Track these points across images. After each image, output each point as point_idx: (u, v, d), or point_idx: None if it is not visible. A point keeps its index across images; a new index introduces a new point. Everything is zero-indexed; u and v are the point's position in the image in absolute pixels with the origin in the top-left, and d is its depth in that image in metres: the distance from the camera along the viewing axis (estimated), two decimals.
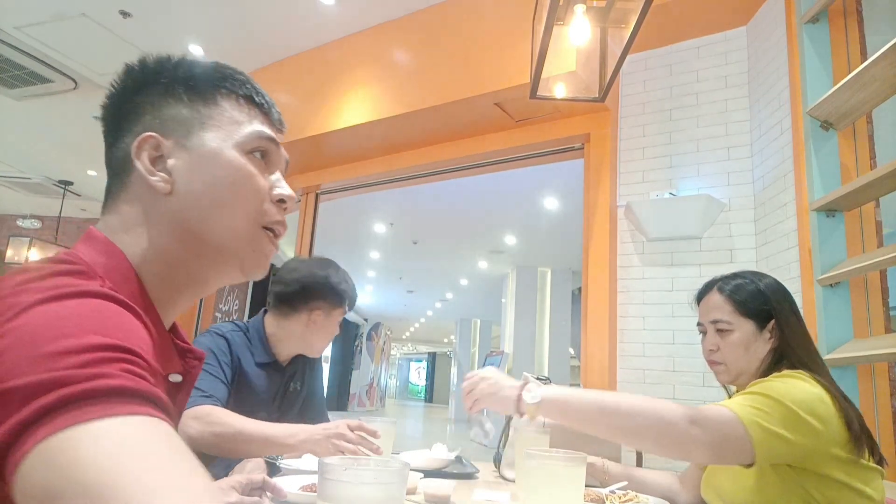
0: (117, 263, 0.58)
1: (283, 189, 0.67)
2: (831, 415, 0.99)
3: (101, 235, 0.60)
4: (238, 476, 0.99)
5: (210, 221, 0.62)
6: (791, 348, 1.17)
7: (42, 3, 3.43)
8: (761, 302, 1.19)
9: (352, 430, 1.28)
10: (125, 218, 0.62)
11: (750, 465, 0.96)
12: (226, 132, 0.65)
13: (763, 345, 1.19)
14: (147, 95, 0.65)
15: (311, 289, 1.61)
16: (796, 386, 1.02)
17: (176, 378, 0.62)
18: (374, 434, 1.29)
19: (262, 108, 0.69)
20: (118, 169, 0.64)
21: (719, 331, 1.21)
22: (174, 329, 0.67)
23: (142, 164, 0.62)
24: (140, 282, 0.59)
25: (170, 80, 0.65)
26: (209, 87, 0.66)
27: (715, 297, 1.24)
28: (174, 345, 0.65)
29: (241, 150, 0.65)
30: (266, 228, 0.66)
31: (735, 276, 1.26)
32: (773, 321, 1.18)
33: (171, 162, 0.62)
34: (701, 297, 1.29)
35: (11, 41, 3.76)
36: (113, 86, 0.66)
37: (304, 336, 1.63)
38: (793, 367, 1.12)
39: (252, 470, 1.34)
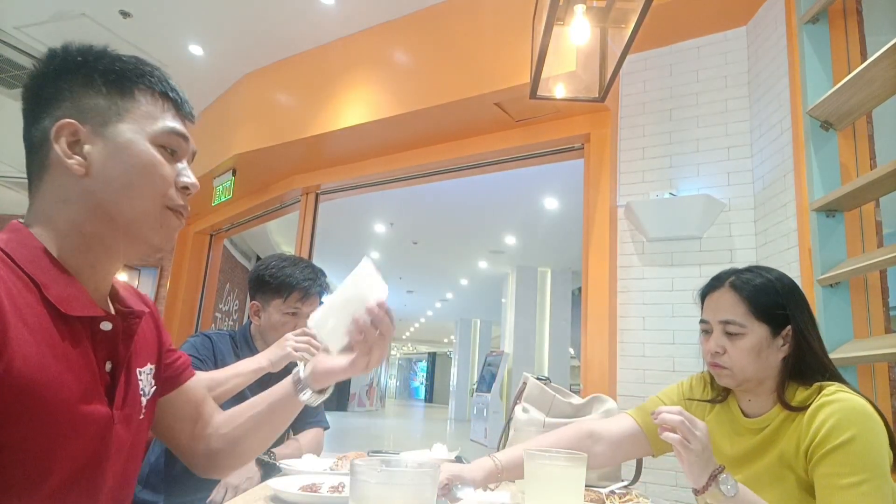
0: (19, 237, 0.68)
1: (187, 178, 0.76)
2: (887, 440, 0.98)
3: (14, 223, 0.71)
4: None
5: (122, 202, 0.71)
6: (807, 360, 1.08)
7: (42, 3, 3.44)
8: (778, 304, 1.08)
9: (297, 337, 1.45)
10: (45, 197, 0.71)
11: None
12: (140, 125, 0.73)
13: (775, 353, 1.09)
14: (67, 82, 0.72)
15: (250, 285, 1.66)
16: (874, 433, 0.97)
17: (106, 326, 0.71)
18: (315, 337, 1.44)
19: (175, 103, 0.77)
20: (37, 148, 0.73)
21: (728, 333, 1.10)
22: (116, 294, 0.78)
23: (60, 147, 0.70)
24: (44, 249, 0.68)
25: (90, 70, 0.72)
26: (127, 81, 0.73)
27: (727, 295, 1.11)
28: (112, 303, 0.77)
29: (152, 142, 0.73)
30: (171, 210, 0.75)
31: (749, 271, 1.14)
32: (789, 327, 1.08)
33: (87, 147, 0.70)
34: (709, 292, 1.17)
35: (11, 41, 3.76)
36: (34, 66, 0.73)
37: (262, 332, 1.64)
38: (818, 379, 1.07)
39: (241, 476, 1.35)
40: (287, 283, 1.60)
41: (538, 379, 1.61)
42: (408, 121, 3.36)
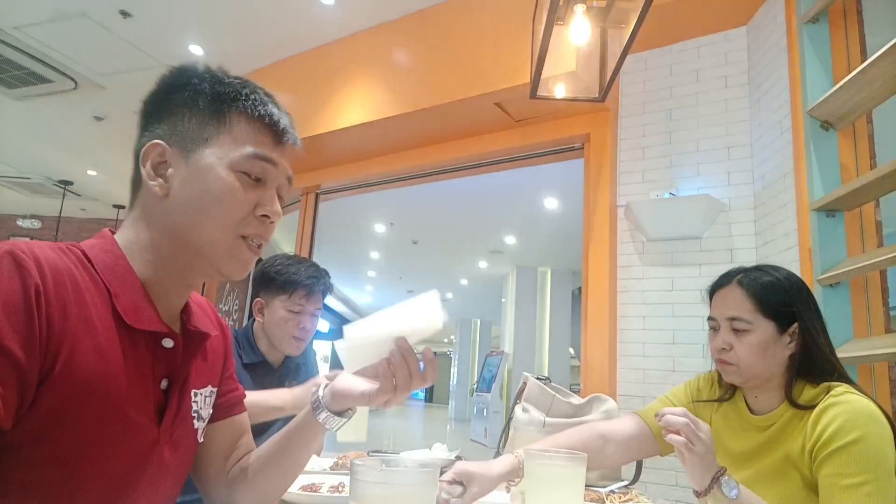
0: (103, 244, 0.70)
1: (268, 206, 0.73)
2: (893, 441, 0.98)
3: (105, 230, 0.72)
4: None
5: (195, 227, 0.70)
6: (814, 357, 1.09)
7: (42, 3, 3.43)
8: (785, 302, 1.09)
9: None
10: (136, 211, 0.73)
11: None
12: (224, 150, 0.71)
13: (782, 350, 1.09)
14: (170, 102, 0.73)
15: (255, 282, 1.67)
16: (880, 435, 0.97)
17: (168, 343, 0.70)
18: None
19: (271, 128, 0.74)
20: (136, 162, 0.73)
21: (735, 330, 1.11)
22: (187, 312, 0.77)
23: (145, 169, 0.71)
24: (126, 259, 0.70)
25: (193, 92, 0.72)
26: (223, 105, 0.72)
27: (734, 292, 1.12)
28: (181, 320, 0.76)
29: (233, 168, 0.71)
30: (245, 239, 0.72)
31: (757, 269, 1.14)
32: (795, 324, 1.09)
33: (171, 170, 0.71)
34: (717, 289, 1.18)
35: (11, 41, 3.76)
36: (160, 80, 0.75)
37: (266, 330, 1.65)
38: (826, 378, 1.07)
39: None
40: (292, 281, 1.61)
41: (538, 379, 1.61)
42: (408, 121, 3.35)
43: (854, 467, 0.95)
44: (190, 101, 0.72)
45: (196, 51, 3.96)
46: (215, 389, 0.83)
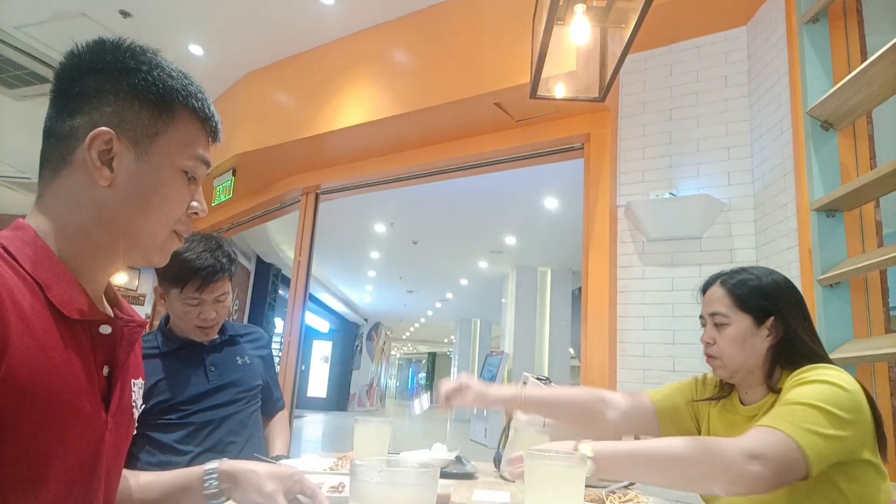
0: (23, 235, 0.67)
1: (198, 203, 0.77)
2: (866, 411, 0.99)
3: (20, 221, 0.69)
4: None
5: (138, 221, 0.71)
6: (796, 347, 1.14)
7: (42, 3, 3.43)
8: (761, 297, 1.18)
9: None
10: (56, 194, 0.69)
11: (805, 479, 0.94)
12: (174, 148, 0.73)
13: (761, 342, 1.16)
14: (112, 84, 0.69)
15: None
16: (835, 381, 1.00)
17: (105, 329, 0.70)
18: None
19: (212, 128, 0.78)
20: (61, 141, 0.69)
21: (717, 324, 1.20)
22: (115, 300, 0.78)
23: (91, 155, 0.68)
24: (49, 248, 0.67)
25: (140, 80, 0.70)
26: (172, 100, 0.72)
27: (716, 290, 1.23)
28: (112, 309, 0.77)
29: (180, 167, 0.74)
30: (176, 233, 0.77)
31: (741, 270, 1.24)
32: (772, 318, 1.16)
33: (117, 159, 0.69)
34: (704, 289, 1.28)
35: (11, 41, 3.76)
36: (77, 52, 0.70)
37: (172, 319, 1.55)
38: (807, 364, 1.10)
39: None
40: (181, 275, 1.44)
41: (538, 379, 1.61)
42: (408, 121, 3.35)
43: (807, 395, 0.98)
44: (141, 90, 0.70)
45: (196, 51, 3.96)
46: (143, 383, 0.86)
